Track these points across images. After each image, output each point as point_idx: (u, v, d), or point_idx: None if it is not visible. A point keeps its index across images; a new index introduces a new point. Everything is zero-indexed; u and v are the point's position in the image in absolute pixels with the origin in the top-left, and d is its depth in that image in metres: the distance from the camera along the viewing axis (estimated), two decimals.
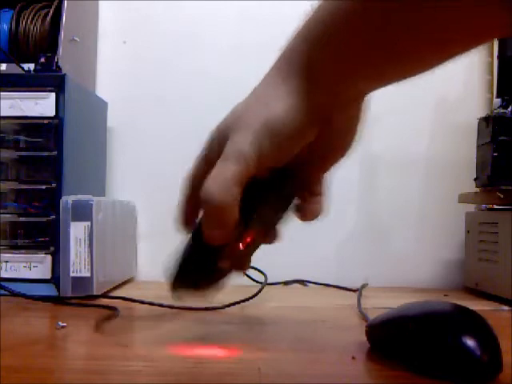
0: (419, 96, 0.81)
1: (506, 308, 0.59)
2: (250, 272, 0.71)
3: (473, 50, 0.31)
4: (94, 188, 0.73)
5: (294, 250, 0.81)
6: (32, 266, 0.61)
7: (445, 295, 0.68)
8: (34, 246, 0.62)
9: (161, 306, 0.52)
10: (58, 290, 0.59)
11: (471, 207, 0.76)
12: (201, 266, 0.36)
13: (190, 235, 0.37)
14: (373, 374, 0.35)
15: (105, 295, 0.59)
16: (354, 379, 0.34)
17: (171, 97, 0.83)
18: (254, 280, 0.70)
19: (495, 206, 0.70)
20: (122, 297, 0.56)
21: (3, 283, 0.57)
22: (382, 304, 0.48)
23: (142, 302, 0.53)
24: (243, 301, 0.55)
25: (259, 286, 0.64)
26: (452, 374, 0.32)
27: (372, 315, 0.42)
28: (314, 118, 0.33)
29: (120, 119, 0.82)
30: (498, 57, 0.72)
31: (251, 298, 0.57)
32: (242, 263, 0.37)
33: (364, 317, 0.50)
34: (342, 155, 0.38)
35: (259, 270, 0.71)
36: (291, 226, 0.87)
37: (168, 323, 0.46)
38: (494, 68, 0.78)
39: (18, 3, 0.70)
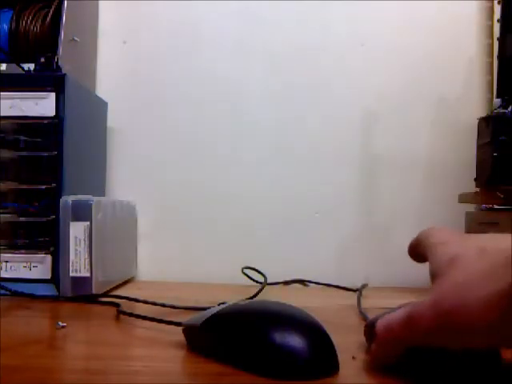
0: (419, 96, 0.82)
1: None
2: (250, 272, 0.72)
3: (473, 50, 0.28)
4: (94, 188, 0.73)
5: (294, 250, 0.81)
6: (32, 266, 0.61)
7: None
8: (34, 246, 0.62)
9: (154, 304, 0.52)
10: (58, 290, 0.59)
11: (471, 207, 0.76)
12: None
13: None
14: (373, 374, 0.35)
15: (105, 295, 0.59)
16: (354, 379, 0.34)
17: (171, 97, 0.83)
18: (254, 280, 0.71)
19: (495, 206, 0.70)
20: (122, 296, 0.56)
21: (3, 283, 0.57)
22: (382, 304, 0.48)
23: (138, 301, 0.54)
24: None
25: (259, 286, 0.64)
26: (451, 373, 0.32)
27: (372, 315, 0.42)
28: None
29: (120, 119, 0.82)
30: (498, 57, 0.72)
31: (251, 298, 0.57)
32: None
33: (364, 317, 0.50)
34: None
35: (258, 271, 0.71)
36: (291, 226, 0.88)
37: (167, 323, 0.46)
38: (494, 68, 0.78)
39: (18, 3, 0.70)
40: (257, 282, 0.70)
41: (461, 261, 0.31)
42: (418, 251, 0.38)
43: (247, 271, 0.71)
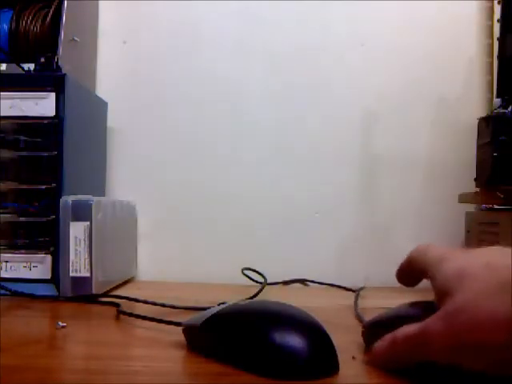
0: (419, 96, 0.81)
1: None
2: (250, 272, 0.72)
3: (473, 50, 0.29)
4: (93, 188, 0.73)
5: (294, 250, 0.81)
6: (32, 266, 0.61)
7: None
8: (34, 246, 0.62)
9: (154, 304, 0.52)
10: (58, 290, 0.59)
11: (471, 207, 0.76)
12: None
13: None
14: (373, 375, 0.35)
15: (105, 295, 0.59)
16: (354, 379, 0.34)
17: (171, 97, 0.83)
18: (253, 280, 0.71)
19: (495, 206, 0.70)
20: (122, 296, 0.56)
21: (3, 283, 0.57)
22: (381, 304, 0.48)
23: (138, 301, 0.54)
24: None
25: (259, 286, 0.64)
26: (447, 373, 0.32)
27: (370, 316, 0.42)
28: None
29: (120, 119, 0.82)
30: (498, 57, 0.72)
31: (251, 298, 0.57)
32: None
33: (360, 318, 0.50)
34: None
35: (258, 273, 0.71)
36: (291, 226, 0.87)
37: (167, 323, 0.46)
38: (494, 68, 0.78)
39: (18, 3, 0.70)
40: (257, 282, 0.70)
41: (468, 276, 0.31)
42: (414, 268, 0.38)
43: (247, 272, 0.71)
